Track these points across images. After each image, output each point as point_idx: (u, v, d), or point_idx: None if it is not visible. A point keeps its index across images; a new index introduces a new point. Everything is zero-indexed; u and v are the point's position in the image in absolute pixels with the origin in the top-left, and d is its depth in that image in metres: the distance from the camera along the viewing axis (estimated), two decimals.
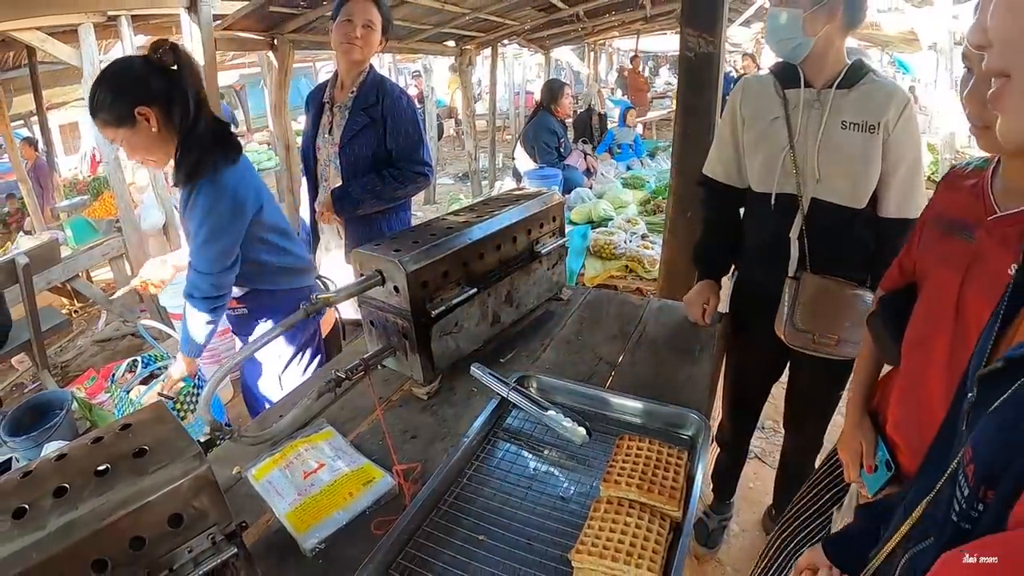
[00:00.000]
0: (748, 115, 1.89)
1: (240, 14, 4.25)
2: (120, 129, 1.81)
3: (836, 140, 1.74)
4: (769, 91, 1.85)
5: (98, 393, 2.85)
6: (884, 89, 1.73)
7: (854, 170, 1.74)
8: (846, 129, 1.73)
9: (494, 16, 6.56)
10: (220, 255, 1.93)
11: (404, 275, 1.41)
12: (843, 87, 1.74)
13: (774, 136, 1.82)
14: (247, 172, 2.02)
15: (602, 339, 1.78)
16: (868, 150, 1.72)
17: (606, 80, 18.34)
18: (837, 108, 1.74)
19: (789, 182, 1.81)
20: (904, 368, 1.27)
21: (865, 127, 1.71)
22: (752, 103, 1.89)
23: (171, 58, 1.82)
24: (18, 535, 0.73)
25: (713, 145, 2.04)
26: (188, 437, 0.87)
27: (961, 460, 0.59)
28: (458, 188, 9.68)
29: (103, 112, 1.79)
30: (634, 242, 4.18)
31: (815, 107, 1.76)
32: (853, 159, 1.73)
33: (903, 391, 1.26)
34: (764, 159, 1.85)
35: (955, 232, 1.16)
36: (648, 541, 0.95)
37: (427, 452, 1.35)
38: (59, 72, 7.24)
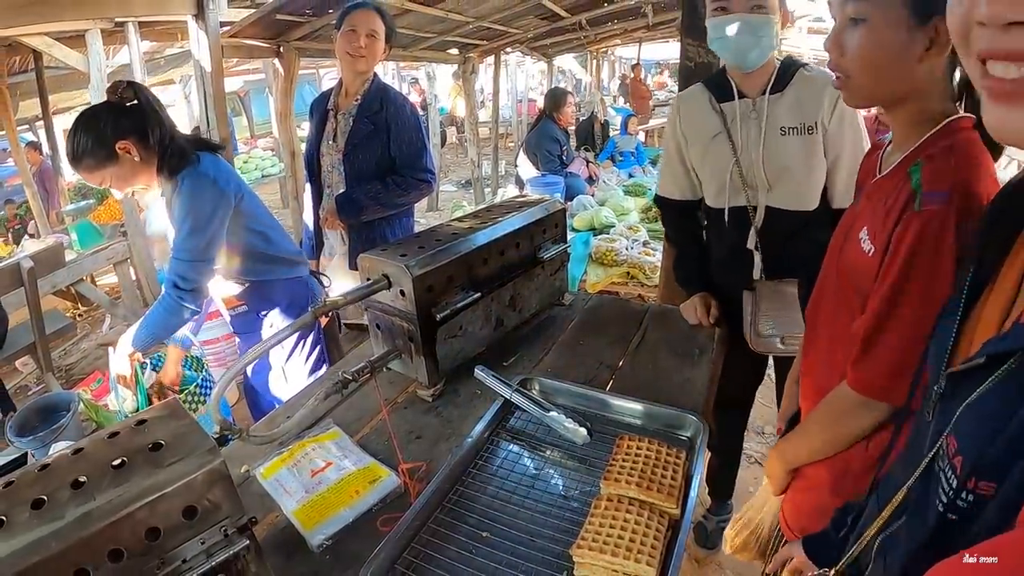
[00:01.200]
0: (689, 133, 1.90)
1: (246, 22, 4.30)
2: (106, 168, 1.89)
3: (778, 148, 1.75)
4: (706, 107, 1.85)
5: (104, 395, 2.87)
6: (815, 84, 1.74)
7: (800, 175, 1.75)
8: (786, 135, 1.74)
9: (497, 25, 6.60)
10: (206, 245, 1.99)
11: (410, 279, 1.44)
12: (776, 92, 1.74)
13: (718, 152, 1.83)
14: (226, 164, 2.10)
15: (603, 343, 1.81)
16: (810, 152, 1.73)
17: (608, 88, 18.42)
18: (773, 115, 1.75)
19: (739, 196, 1.84)
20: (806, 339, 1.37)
21: (803, 129, 1.72)
22: (691, 121, 1.90)
23: (131, 94, 1.91)
24: (37, 525, 0.76)
25: (662, 164, 2.06)
26: (203, 432, 0.90)
27: (941, 452, 0.61)
28: (461, 195, 9.71)
29: (87, 158, 1.87)
30: (635, 249, 4.20)
31: (752, 117, 1.77)
32: (797, 164, 1.74)
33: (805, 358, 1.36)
34: (712, 175, 1.88)
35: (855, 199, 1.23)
36: (647, 537, 0.97)
37: (432, 452, 1.38)
38: (64, 77, 7.28)
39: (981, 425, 0.56)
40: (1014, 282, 0.65)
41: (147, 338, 2.08)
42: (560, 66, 13.74)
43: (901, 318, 1.03)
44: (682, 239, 2.11)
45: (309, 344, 2.35)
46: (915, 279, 1.01)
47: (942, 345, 0.71)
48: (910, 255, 1.00)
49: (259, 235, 2.16)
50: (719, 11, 1.70)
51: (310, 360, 2.35)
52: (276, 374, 2.36)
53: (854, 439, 1.16)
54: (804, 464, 1.28)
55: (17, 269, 3.56)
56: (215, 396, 1.21)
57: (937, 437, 0.63)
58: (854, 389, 1.11)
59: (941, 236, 0.97)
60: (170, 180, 1.97)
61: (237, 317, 2.36)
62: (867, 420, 1.13)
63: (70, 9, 3.69)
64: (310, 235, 2.90)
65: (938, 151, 1.03)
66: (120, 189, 1.99)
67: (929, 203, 0.99)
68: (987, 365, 0.56)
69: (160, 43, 7.11)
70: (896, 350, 1.05)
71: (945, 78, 1.07)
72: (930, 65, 1.02)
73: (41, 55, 6.02)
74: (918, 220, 1.00)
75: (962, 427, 0.59)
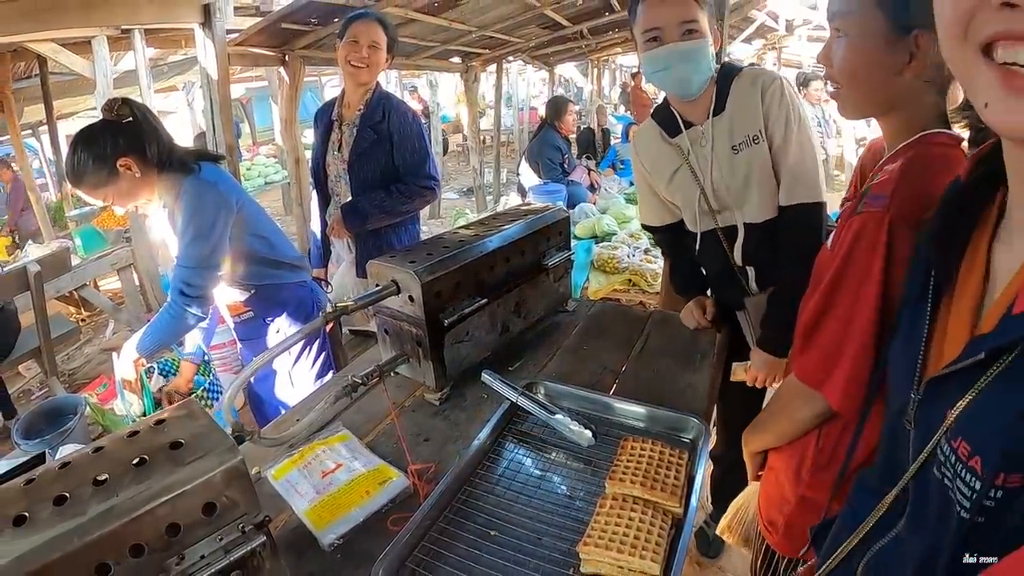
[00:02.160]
0: (652, 170, 1.91)
1: (252, 30, 4.34)
2: (108, 186, 1.92)
3: (735, 166, 1.74)
4: (659, 143, 1.86)
5: (110, 399, 2.89)
6: (747, 89, 1.71)
7: (762, 185, 1.73)
8: (738, 152, 1.72)
9: (499, 34, 6.65)
10: (211, 251, 2.01)
11: (419, 285, 1.47)
12: (718, 112, 1.73)
13: (683, 184, 1.84)
14: (227, 173, 2.16)
15: (606, 348, 1.84)
16: (764, 161, 1.71)
17: (609, 96, 18.47)
18: (721, 137, 1.74)
19: (708, 221, 1.85)
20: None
21: (750, 140, 1.70)
22: (650, 158, 1.91)
23: (127, 110, 1.94)
24: (59, 521, 0.78)
25: (638, 195, 2.08)
26: (222, 431, 0.92)
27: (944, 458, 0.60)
28: (463, 203, 9.76)
29: (88, 177, 1.89)
30: (637, 256, 4.24)
31: (704, 144, 1.76)
32: (757, 176, 1.73)
33: None
34: (684, 205, 1.89)
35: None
36: (651, 535, 1.00)
37: (440, 454, 1.41)
38: (67, 82, 7.32)
39: (994, 422, 0.55)
40: (978, 281, 0.66)
41: (152, 345, 2.11)
42: (561, 74, 13.81)
43: (835, 312, 1.10)
44: (673, 253, 2.14)
45: (315, 349, 2.37)
46: (849, 276, 1.08)
47: (911, 353, 0.72)
48: (847, 254, 1.08)
49: (262, 240, 2.19)
50: (652, 42, 1.66)
51: (316, 365, 2.37)
52: (281, 379, 2.38)
53: (799, 428, 1.23)
54: (764, 449, 1.37)
55: (24, 273, 3.59)
56: (228, 397, 1.24)
57: (924, 444, 0.63)
58: (796, 376, 1.18)
59: (875, 237, 1.03)
60: (170, 191, 2.00)
61: (243, 324, 2.38)
62: (806, 409, 1.19)
63: (79, 16, 3.72)
64: (317, 243, 2.94)
65: (899, 160, 1.09)
66: (122, 205, 2.01)
67: (869, 206, 1.06)
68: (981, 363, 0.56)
69: (164, 50, 7.16)
70: (830, 342, 1.11)
71: (931, 93, 1.11)
72: (912, 77, 1.06)
73: (46, 60, 6.04)
74: (858, 221, 1.07)
75: (970, 428, 0.58)
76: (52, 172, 9.94)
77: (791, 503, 1.28)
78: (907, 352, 0.73)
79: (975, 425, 0.57)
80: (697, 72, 1.68)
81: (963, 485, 0.57)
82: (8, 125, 6.86)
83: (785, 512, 1.30)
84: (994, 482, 0.53)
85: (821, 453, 1.22)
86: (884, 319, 1.04)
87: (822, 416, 1.18)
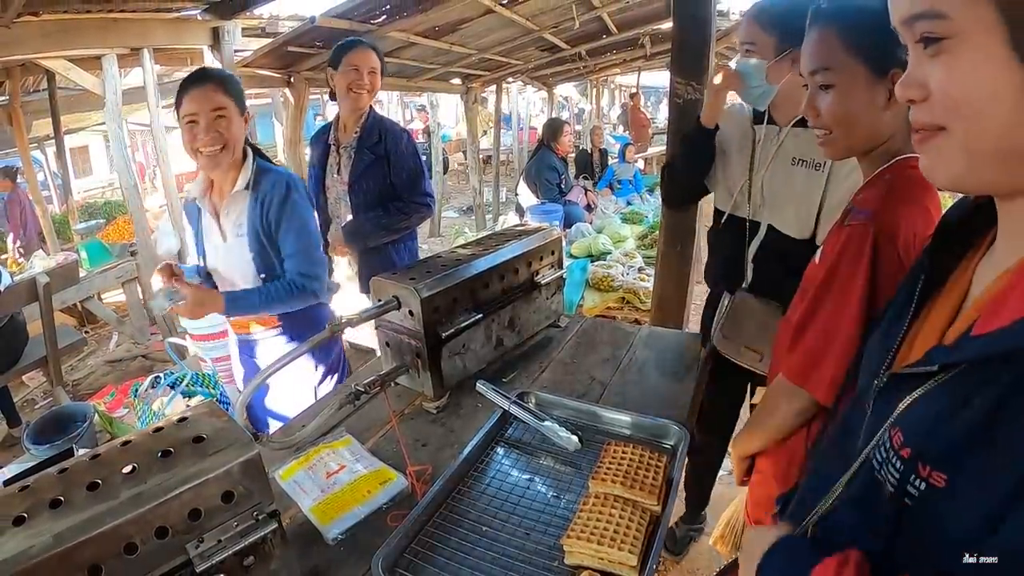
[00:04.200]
0: (723, 138, 2.05)
1: (259, 53, 4.47)
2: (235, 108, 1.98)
3: (785, 174, 1.89)
4: (746, 123, 2.01)
5: (117, 408, 2.99)
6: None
7: (799, 202, 1.87)
8: (795, 165, 1.87)
9: (499, 56, 6.79)
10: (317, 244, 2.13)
11: (419, 301, 1.58)
12: (800, 125, 1.87)
13: (737, 163, 2.00)
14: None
15: (595, 362, 1.94)
16: (811, 185, 1.84)
17: (608, 116, 18.64)
18: (791, 145, 1.88)
19: (742, 208, 1.99)
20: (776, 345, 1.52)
21: (812, 164, 1.85)
22: (728, 128, 2.05)
23: None
24: (94, 503, 0.86)
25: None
26: (240, 428, 1.02)
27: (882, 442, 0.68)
28: (463, 221, 9.86)
29: (232, 85, 2.00)
30: (631, 275, 4.34)
31: (773, 143, 1.92)
32: (798, 192, 1.87)
33: None
34: (724, 180, 2.05)
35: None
36: (630, 529, 1.09)
37: (436, 457, 1.50)
38: (73, 98, 7.43)
39: (925, 420, 0.64)
40: (959, 295, 0.73)
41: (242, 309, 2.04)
42: (560, 94, 13.97)
43: (821, 316, 1.22)
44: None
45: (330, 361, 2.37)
46: (835, 283, 1.20)
47: (886, 346, 0.80)
48: (834, 263, 1.20)
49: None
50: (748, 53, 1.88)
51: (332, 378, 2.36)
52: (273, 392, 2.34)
53: (785, 426, 1.32)
54: (753, 453, 1.44)
55: (33, 284, 3.67)
56: (241, 401, 1.34)
57: (876, 428, 0.71)
58: (784, 375, 1.28)
59: (860, 248, 1.15)
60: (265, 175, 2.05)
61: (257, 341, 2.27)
62: (793, 406, 1.29)
63: (94, 36, 3.85)
64: None
65: (879, 181, 1.22)
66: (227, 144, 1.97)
67: (854, 219, 1.18)
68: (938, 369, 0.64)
69: (170, 67, 7.28)
70: (815, 342, 1.22)
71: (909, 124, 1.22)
72: (894, 112, 1.18)
73: (55, 75, 6.16)
74: (844, 233, 1.20)
75: (907, 422, 0.66)
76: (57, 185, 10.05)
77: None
78: (883, 344, 0.81)
79: (910, 420, 0.65)
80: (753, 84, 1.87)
81: (892, 469, 0.65)
82: (16, 138, 6.96)
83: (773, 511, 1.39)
84: (916, 470, 0.62)
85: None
86: (868, 322, 1.15)
87: (805, 412, 1.27)
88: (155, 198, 9.64)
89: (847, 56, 1.17)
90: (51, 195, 10.97)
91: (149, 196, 6.98)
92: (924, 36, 0.61)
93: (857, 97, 1.19)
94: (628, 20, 6.69)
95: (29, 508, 0.84)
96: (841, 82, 1.19)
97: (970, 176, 0.63)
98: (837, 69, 1.19)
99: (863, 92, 1.18)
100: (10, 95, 6.66)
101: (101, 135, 13.35)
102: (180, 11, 4.09)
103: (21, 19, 3.26)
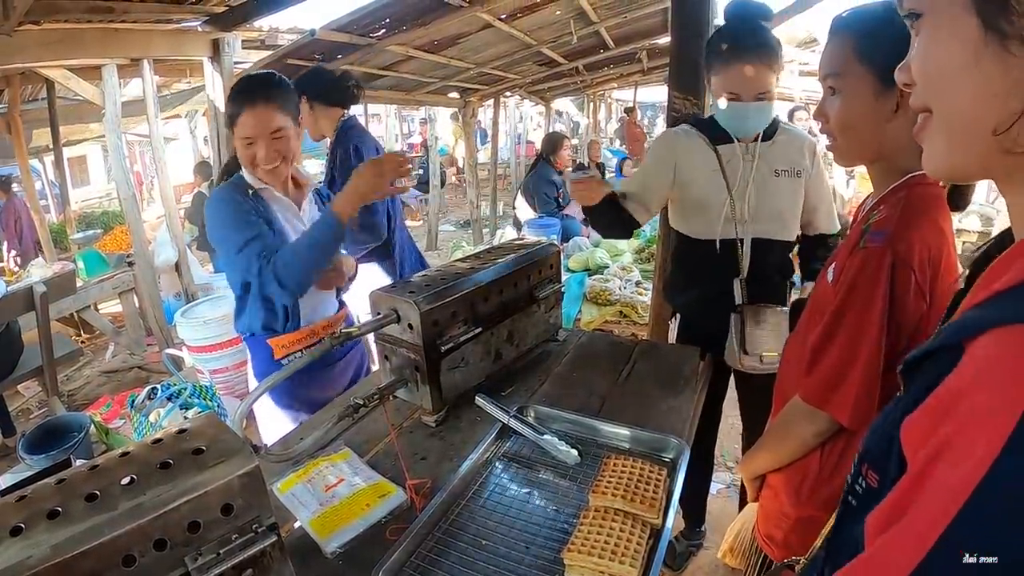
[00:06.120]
0: (685, 166, 2.11)
1: (258, 66, 4.49)
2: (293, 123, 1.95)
3: (772, 186, 2.05)
4: (701, 146, 2.08)
5: (113, 419, 2.97)
6: (797, 139, 2.11)
7: (789, 210, 2.08)
8: (779, 176, 2.05)
9: (497, 70, 6.83)
10: None
11: (418, 314, 1.58)
12: (766, 140, 2.05)
13: (713, 188, 2.06)
14: None
15: (594, 375, 1.94)
16: (797, 191, 2.09)
17: (605, 130, 18.73)
18: (766, 158, 2.04)
19: (730, 229, 2.07)
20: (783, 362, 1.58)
21: (793, 172, 2.06)
22: (687, 157, 2.11)
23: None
24: (92, 514, 0.85)
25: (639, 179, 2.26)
26: (240, 440, 1.01)
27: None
28: (460, 235, 9.88)
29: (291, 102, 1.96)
30: (628, 289, 4.34)
31: (747, 159, 2.04)
32: (788, 201, 2.08)
33: None
34: (702, 209, 2.10)
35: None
36: (630, 543, 1.09)
37: (435, 471, 1.49)
38: (71, 108, 7.45)
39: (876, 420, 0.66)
40: None
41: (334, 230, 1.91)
42: (558, 109, 14.04)
43: (840, 337, 1.22)
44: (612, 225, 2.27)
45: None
46: (852, 305, 1.20)
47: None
48: (851, 284, 1.20)
49: None
50: (733, 97, 1.97)
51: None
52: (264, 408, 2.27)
53: (802, 447, 1.32)
54: (766, 472, 1.44)
55: (30, 293, 3.67)
56: (240, 413, 1.33)
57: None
58: (802, 398, 1.28)
59: (877, 270, 1.16)
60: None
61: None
62: (811, 428, 1.29)
63: (94, 46, 3.86)
64: None
65: (893, 200, 1.23)
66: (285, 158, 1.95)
67: (871, 242, 1.19)
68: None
69: (169, 78, 7.31)
70: (835, 364, 1.22)
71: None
72: (899, 125, 1.20)
73: (54, 84, 6.18)
74: (861, 255, 1.20)
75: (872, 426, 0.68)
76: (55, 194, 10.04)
77: (791, 518, 1.37)
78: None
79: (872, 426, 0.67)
80: (760, 123, 2.04)
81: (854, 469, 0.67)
82: (15, 147, 6.97)
83: (784, 527, 1.39)
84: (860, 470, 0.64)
85: (825, 466, 1.31)
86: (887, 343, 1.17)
87: (824, 434, 1.28)
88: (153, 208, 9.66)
89: (857, 63, 1.20)
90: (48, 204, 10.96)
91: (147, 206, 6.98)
92: (908, 12, 0.62)
93: (862, 104, 1.21)
94: (626, 35, 6.75)
95: (27, 518, 0.84)
96: (848, 88, 1.22)
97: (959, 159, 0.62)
98: (845, 75, 1.22)
99: (869, 100, 1.20)
100: (9, 103, 6.68)
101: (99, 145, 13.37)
102: (181, 22, 4.11)
103: (22, 27, 3.27)
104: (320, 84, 2.81)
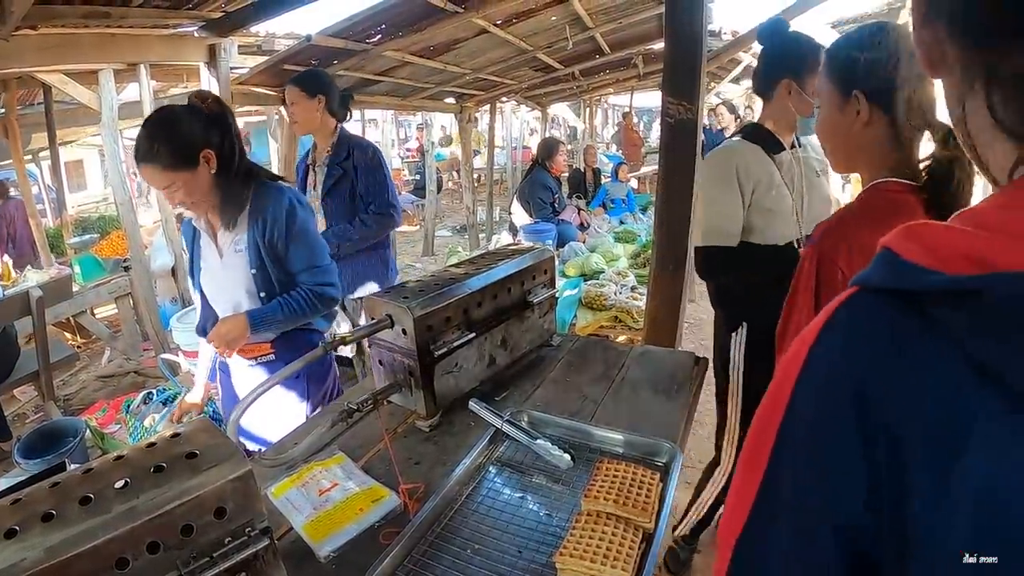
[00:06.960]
0: (754, 180, 2.11)
1: (255, 71, 4.51)
2: (181, 172, 1.89)
3: (817, 187, 2.16)
4: (762, 157, 2.13)
5: (108, 424, 2.97)
6: (812, 143, 2.23)
7: (829, 207, 2.19)
8: (819, 176, 2.17)
9: (493, 76, 6.85)
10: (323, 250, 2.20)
11: (411, 319, 1.58)
12: (798, 144, 2.15)
13: (781, 196, 2.13)
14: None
15: (588, 380, 1.94)
16: (829, 187, 2.22)
17: (602, 135, 18.78)
18: (806, 162, 2.15)
19: (794, 230, 2.15)
20: None
21: (824, 172, 2.19)
22: (754, 170, 2.12)
23: (217, 107, 1.98)
24: (86, 517, 0.86)
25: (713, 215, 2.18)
26: (233, 444, 1.02)
27: None
28: (456, 240, 9.89)
29: (164, 157, 1.86)
30: (624, 294, 4.35)
31: (795, 165, 2.13)
32: (828, 198, 2.21)
33: None
34: (775, 217, 2.14)
35: None
36: (623, 547, 1.10)
37: (429, 475, 1.50)
38: (67, 112, 7.45)
39: None
40: None
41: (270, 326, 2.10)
42: (554, 114, 14.07)
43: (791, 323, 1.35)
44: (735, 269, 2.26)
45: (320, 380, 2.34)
46: (792, 303, 1.34)
47: None
48: (796, 278, 1.34)
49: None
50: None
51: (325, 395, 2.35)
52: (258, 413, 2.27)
53: None
54: None
55: (26, 297, 3.67)
56: (233, 420, 1.34)
57: None
58: None
59: (807, 270, 1.30)
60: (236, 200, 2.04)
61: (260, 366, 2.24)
62: None
63: (91, 51, 3.88)
64: None
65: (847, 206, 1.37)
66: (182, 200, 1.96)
67: (808, 242, 1.35)
68: None
69: (166, 83, 7.32)
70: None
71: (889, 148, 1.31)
72: (870, 132, 1.31)
73: (51, 89, 6.18)
74: (802, 254, 1.38)
75: None
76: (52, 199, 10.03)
77: None
78: None
79: None
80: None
81: None
82: (12, 151, 6.97)
83: None
84: None
85: None
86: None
87: None
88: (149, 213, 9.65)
89: (826, 81, 1.36)
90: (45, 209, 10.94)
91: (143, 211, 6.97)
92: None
93: (832, 115, 1.36)
94: (621, 40, 6.77)
95: (21, 521, 0.84)
96: (822, 101, 1.38)
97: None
98: (820, 91, 1.39)
99: (836, 110, 1.35)
100: (6, 108, 6.68)
101: (96, 149, 13.36)
102: (177, 28, 4.12)
103: (19, 32, 3.28)
104: (334, 94, 3.08)
